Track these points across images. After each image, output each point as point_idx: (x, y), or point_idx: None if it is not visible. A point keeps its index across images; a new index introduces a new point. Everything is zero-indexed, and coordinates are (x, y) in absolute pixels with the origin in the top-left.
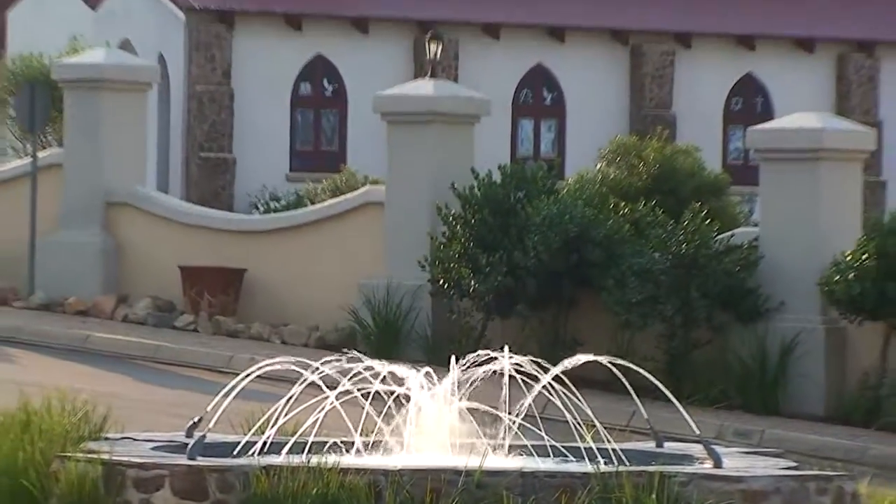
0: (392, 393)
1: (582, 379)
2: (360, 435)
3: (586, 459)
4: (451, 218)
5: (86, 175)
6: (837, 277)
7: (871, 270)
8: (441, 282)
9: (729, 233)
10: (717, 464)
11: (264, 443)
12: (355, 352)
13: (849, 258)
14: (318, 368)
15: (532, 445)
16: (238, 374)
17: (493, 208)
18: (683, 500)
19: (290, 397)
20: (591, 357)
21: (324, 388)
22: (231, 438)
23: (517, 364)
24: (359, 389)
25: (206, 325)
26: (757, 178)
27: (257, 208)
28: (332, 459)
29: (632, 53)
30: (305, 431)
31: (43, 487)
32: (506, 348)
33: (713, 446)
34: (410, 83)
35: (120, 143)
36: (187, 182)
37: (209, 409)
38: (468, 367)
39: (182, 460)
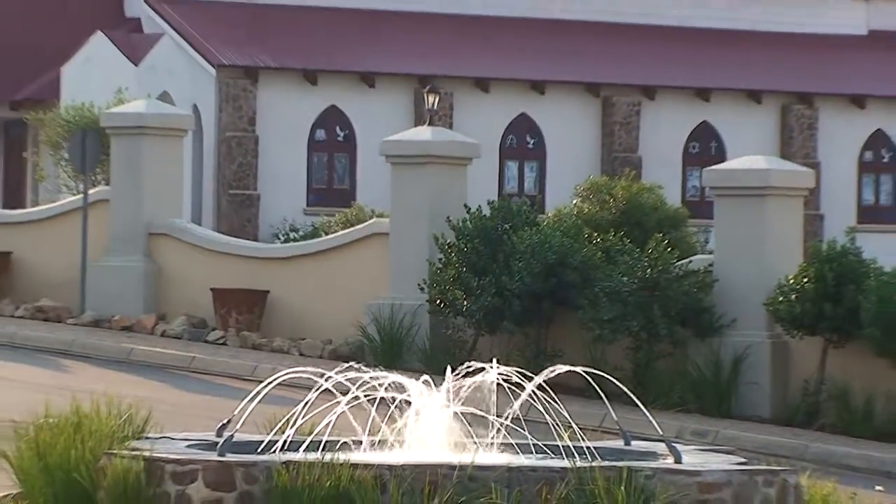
0: (395, 399)
1: (560, 386)
2: (368, 435)
3: (564, 456)
4: (446, 246)
5: (129, 209)
6: (781, 298)
7: (811, 292)
8: (438, 302)
9: (687, 259)
10: (678, 460)
11: (284, 441)
12: (363, 363)
13: (791, 282)
14: (330, 377)
15: (517, 444)
16: (261, 382)
17: (483, 238)
18: (648, 492)
19: (307, 402)
20: (568, 367)
21: (336, 394)
22: (256, 438)
23: (504, 374)
24: (366, 395)
25: (234, 339)
26: (712, 213)
27: (278, 238)
28: (343, 456)
29: (603, 104)
30: (320, 432)
31: (92, 481)
32: (494, 360)
33: (674, 444)
34: (411, 130)
35: (159, 181)
36: (218, 215)
37: (236, 412)
38: (461, 377)
39: (213, 457)
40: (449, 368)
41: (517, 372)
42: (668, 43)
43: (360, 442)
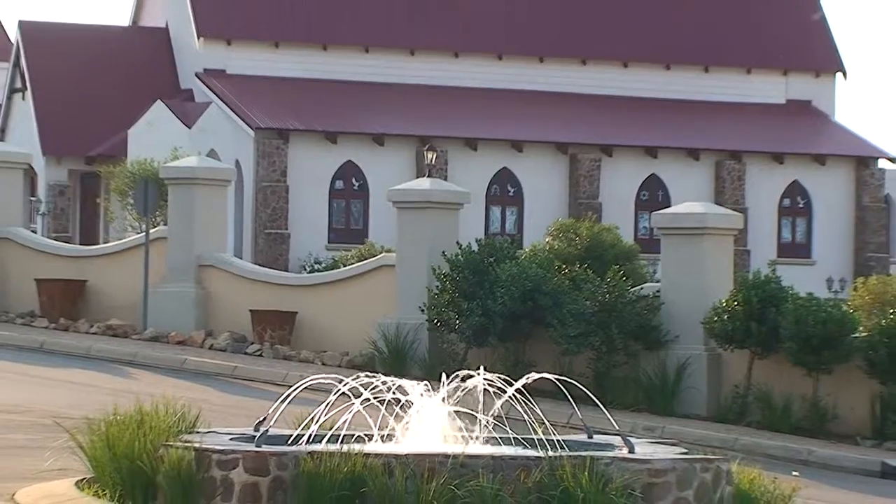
0: (400, 400)
1: (535, 390)
2: (378, 430)
3: (538, 447)
4: (442, 276)
5: (183, 245)
6: (716, 318)
7: (740, 313)
8: (435, 321)
9: (639, 287)
10: (631, 450)
11: (310, 435)
12: (374, 371)
13: (724, 305)
14: (347, 382)
15: (500, 437)
16: (291, 387)
17: (472, 269)
18: (607, 476)
19: (328, 403)
20: (541, 374)
21: (352, 396)
22: (286, 432)
23: (489, 380)
24: (376, 397)
25: (269, 351)
26: (659, 248)
27: (305, 269)
28: (357, 447)
29: (570, 160)
30: (339, 427)
31: (152, 467)
32: (481, 368)
33: (628, 438)
34: (413, 181)
35: (207, 222)
36: (255, 250)
37: (270, 411)
38: (454, 383)
39: (251, 448)
40: (444, 375)
41: (500, 378)
42: (623, 110)
43: (372, 435)
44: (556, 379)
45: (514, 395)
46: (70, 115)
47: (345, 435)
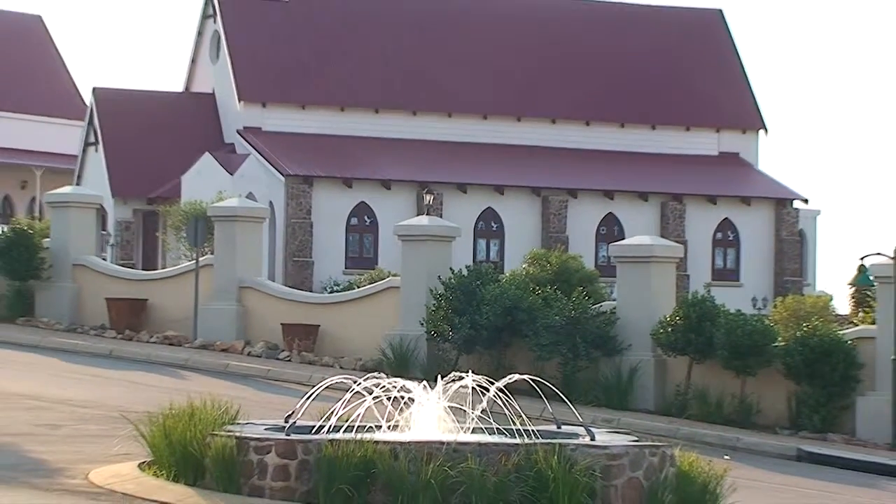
0: (404, 397)
1: (514, 389)
2: (385, 421)
3: (516, 436)
4: (438, 296)
5: (227, 270)
6: (661, 330)
7: (681, 326)
8: (432, 333)
9: (599, 304)
10: (592, 438)
11: (329, 426)
12: (382, 373)
13: (668, 319)
14: (360, 383)
15: (485, 428)
16: (314, 386)
17: (462, 290)
18: (573, 459)
19: (345, 400)
20: (518, 376)
21: (364, 394)
22: (310, 423)
23: (476, 381)
24: (384, 395)
25: (296, 357)
26: (615, 273)
27: (326, 290)
28: (368, 435)
29: (542, 201)
30: (353, 419)
31: (201, 452)
32: (469, 371)
33: (590, 428)
34: (415, 218)
35: (246, 252)
36: (285, 274)
37: (297, 406)
38: (448, 383)
39: (282, 436)
40: (439, 377)
41: (485, 379)
42: (585, 161)
43: (380, 426)
44: (531, 380)
45: (496, 393)
46: (134, 164)
47: (358, 426)
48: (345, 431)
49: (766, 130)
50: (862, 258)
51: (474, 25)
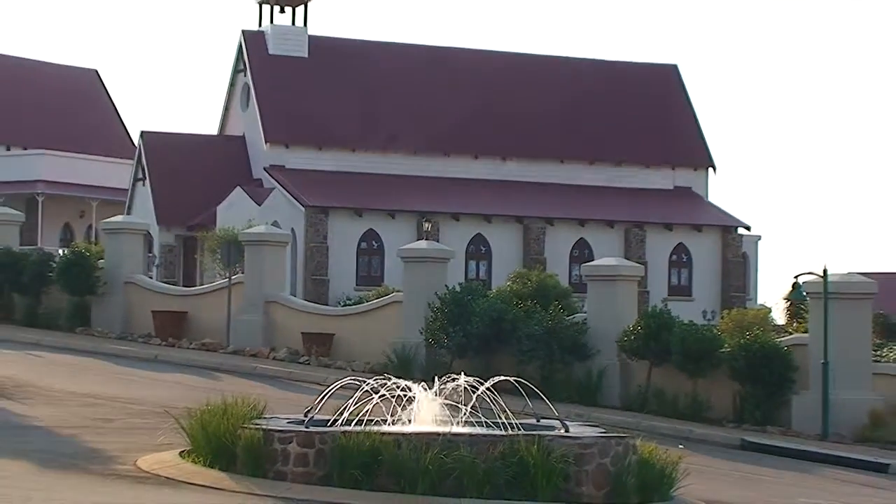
0: (405, 395)
1: (500, 388)
2: (390, 416)
3: (502, 428)
4: (435, 309)
5: (255, 287)
6: (625, 338)
7: (642, 335)
8: (430, 340)
9: (572, 316)
10: (567, 430)
11: (342, 420)
12: (388, 375)
13: (631, 329)
14: (369, 383)
15: (475, 421)
16: (329, 386)
17: (456, 304)
18: (551, 448)
19: (356, 398)
20: (504, 378)
21: (372, 393)
22: (326, 417)
23: (468, 381)
24: (389, 393)
25: (314, 361)
26: (586, 289)
27: (340, 303)
28: (375, 428)
29: (524, 228)
30: (363, 414)
31: (233, 442)
32: (462, 373)
33: (565, 422)
34: (415, 242)
35: (272, 271)
36: (305, 291)
37: (315, 403)
38: (443, 383)
39: (302, 428)
40: (436, 378)
41: (475, 380)
42: (560, 194)
43: (386, 420)
44: (515, 380)
45: (485, 392)
46: (176, 196)
47: (367, 420)
48: (355, 424)
49: (714, 168)
50: (796, 276)
51: (469, 79)
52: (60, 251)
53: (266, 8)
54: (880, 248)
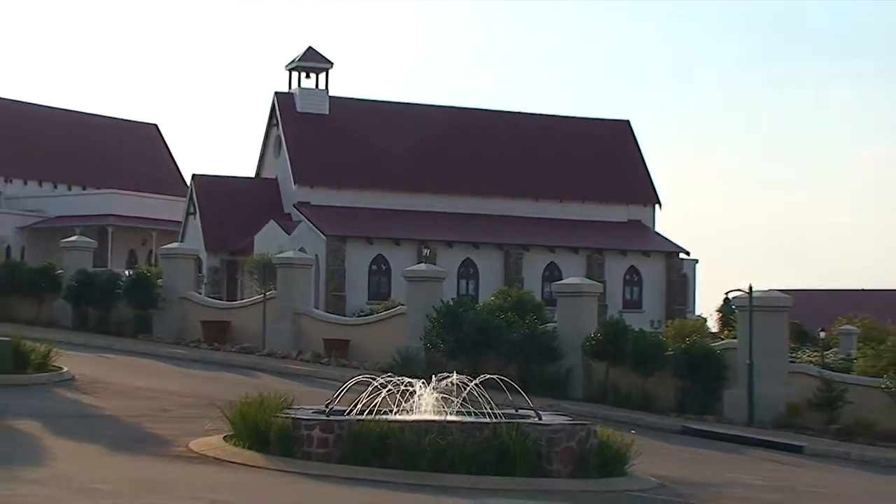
0: (409, 390)
1: (486, 385)
2: (396, 407)
3: (488, 417)
4: (432, 319)
5: (286, 301)
6: (588, 343)
7: (602, 341)
8: (428, 345)
9: (545, 325)
10: (540, 419)
11: (357, 410)
12: (394, 374)
13: (592, 336)
14: (379, 379)
15: (466, 411)
16: (345, 383)
17: (449, 315)
18: (527, 434)
19: (368, 392)
20: (489, 375)
21: (380, 388)
22: (343, 408)
23: (460, 378)
24: (395, 387)
25: (334, 362)
26: (556, 304)
27: (355, 315)
28: (383, 417)
29: (505, 254)
30: (374, 405)
31: (267, 428)
32: (454, 372)
33: (538, 412)
34: (416, 265)
35: (299, 288)
36: (326, 304)
37: (334, 396)
38: (440, 380)
39: (323, 417)
40: (434, 376)
41: (466, 378)
42: (534, 226)
43: (392, 410)
44: (498, 378)
45: (473, 388)
46: (221, 227)
47: (377, 410)
48: (367, 414)
49: (660, 204)
50: (727, 293)
51: (462, 133)
52: (126, 272)
53: (295, 74)
54: (795, 269)
